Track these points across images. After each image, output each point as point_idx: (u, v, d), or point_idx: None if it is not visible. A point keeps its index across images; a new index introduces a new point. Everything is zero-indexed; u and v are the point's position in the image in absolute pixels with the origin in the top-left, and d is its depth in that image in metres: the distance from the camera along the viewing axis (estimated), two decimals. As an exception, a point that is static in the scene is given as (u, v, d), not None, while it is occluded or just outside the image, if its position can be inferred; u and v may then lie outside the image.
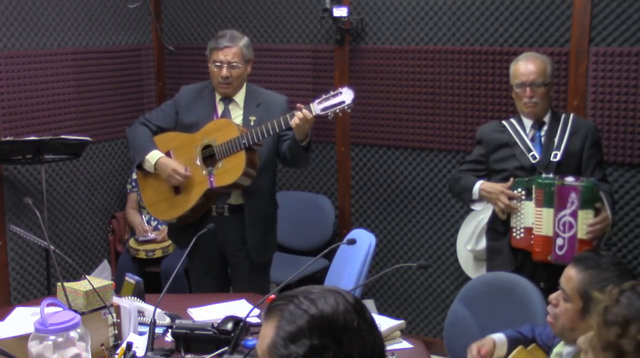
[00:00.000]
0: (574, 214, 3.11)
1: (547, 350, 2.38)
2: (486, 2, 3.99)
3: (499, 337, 2.48)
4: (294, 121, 3.19)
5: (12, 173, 4.17)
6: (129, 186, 4.71)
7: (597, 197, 3.11)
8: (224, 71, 3.39)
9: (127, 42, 4.80)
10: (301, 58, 4.54)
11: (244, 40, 3.48)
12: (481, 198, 3.35)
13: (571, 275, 2.13)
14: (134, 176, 4.65)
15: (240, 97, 3.50)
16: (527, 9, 3.89)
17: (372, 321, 1.39)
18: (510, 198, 3.22)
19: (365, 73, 4.36)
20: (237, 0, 4.71)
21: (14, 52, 4.12)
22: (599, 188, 3.13)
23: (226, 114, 3.47)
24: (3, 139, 3.91)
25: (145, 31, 4.93)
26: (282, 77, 4.58)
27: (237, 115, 3.48)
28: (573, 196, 3.10)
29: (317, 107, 3.21)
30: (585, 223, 3.09)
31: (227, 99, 3.49)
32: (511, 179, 3.24)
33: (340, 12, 4.23)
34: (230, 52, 3.41)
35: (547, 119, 3.33)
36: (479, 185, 3.33)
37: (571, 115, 3.35)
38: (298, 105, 3.22)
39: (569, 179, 3.14)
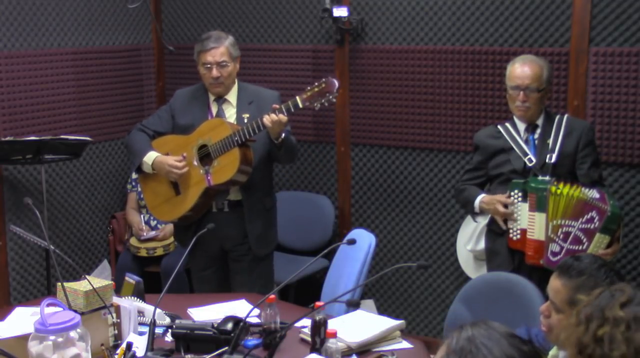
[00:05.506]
0: (588, 233, 3.07)
1: (544, 351, 2.38)
2: (486, 2, 3.98)
3: None
4: (265, 121, 3.25)
5: (12, 173, 4.17)
6: (129, 186, 4.71)
7: (619, 225, 3.09)
8: (214, 72, 3.46)
9: (127, 42, 4.80)
10: (301, 58, 4.53)
11: (229, 39, 3.54)
12: (482, 212, 3.37)
13: (558, 287, 2.11)
14: (134, 176, 4.66)
15: (232, 96, 3.56)
16: (527, 9, 3.88)
17: None
18: (506, 205, 3.22)
19: (365, 73, 4.36)
20: (237, 0, 4.71)
21: (14, 52, 4.12)
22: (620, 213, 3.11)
23: (220, 113, 3.54)
24: (3, 139, 3.90)
25: (145, 31, 4.93)
26: (282, 77, 4.58)
27: (230, 114, 3.54)
28: (594, 215, 3.06)
29: (302, 101, 3.26)
30: (598, 246, 3.05)
31: (221, 99, 3.56)
32: (508, 192, 3.25)
33: (340, 12, 4.23)
34: (217, 52, 3.46)
35: (540, 121, 3.32)
36: (479, 198, 3.35)
37: (565, 116, 3.35)
38: (274, 106, 3.28)
39: (593, 195, 3.08)
